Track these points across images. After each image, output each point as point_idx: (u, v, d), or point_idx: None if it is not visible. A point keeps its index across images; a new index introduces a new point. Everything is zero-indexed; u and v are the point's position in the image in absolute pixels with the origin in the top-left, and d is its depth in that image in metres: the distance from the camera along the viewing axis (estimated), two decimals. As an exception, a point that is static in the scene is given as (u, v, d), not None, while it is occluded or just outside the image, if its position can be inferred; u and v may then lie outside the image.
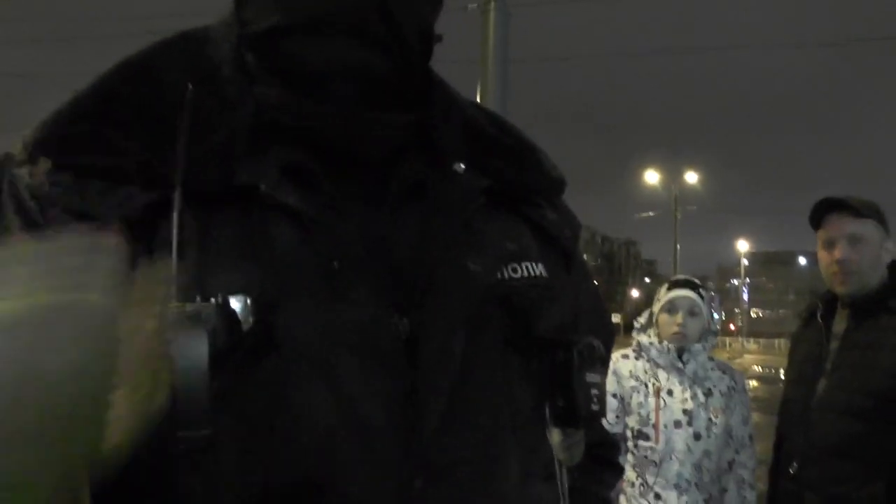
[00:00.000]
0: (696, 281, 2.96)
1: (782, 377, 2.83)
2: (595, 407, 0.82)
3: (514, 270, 0.82)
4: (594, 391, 0.82)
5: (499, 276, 0.81)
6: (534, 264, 0.84)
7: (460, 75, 0.92)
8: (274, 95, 0.77)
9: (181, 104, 0.72)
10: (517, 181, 0.89)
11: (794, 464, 2.51)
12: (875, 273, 2.51)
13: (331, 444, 0.68)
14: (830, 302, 2.63)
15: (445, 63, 0.93)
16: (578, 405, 0.81)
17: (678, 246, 34.03)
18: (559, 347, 0.82)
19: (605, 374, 0.88)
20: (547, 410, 0.82)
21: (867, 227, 2.53)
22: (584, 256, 1.04)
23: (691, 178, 39.88)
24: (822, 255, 2.58)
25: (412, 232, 0.78)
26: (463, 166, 0.84)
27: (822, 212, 2.59)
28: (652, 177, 38.27)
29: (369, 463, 0.69)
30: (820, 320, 2.61)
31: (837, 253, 2.52)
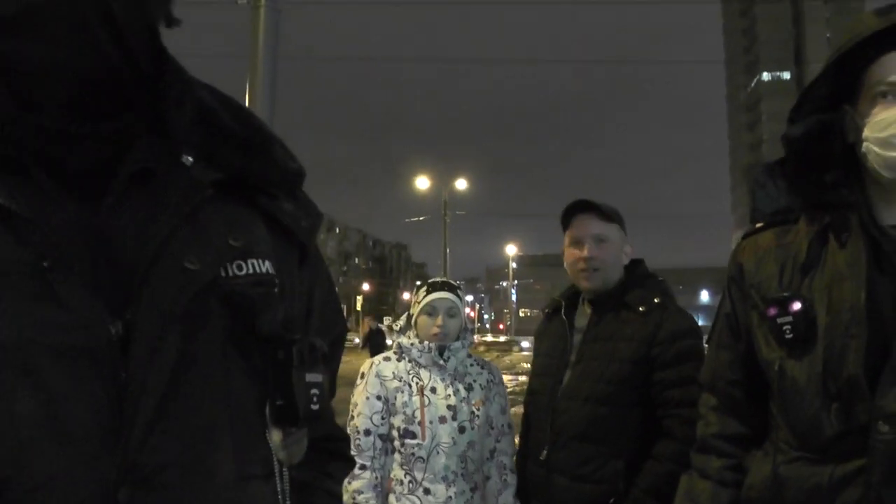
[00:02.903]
0: (453, 283, 3.06)
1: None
2: (315, 407, 0.83)
3: (239, 268, 0.81)
4: (314, 391, 0.83)
5: (222, 273, 0.79)
6: (260, 262, 0.83)
7: (230, 69, 0.91)
8: None
9: None
10: (249, 172, 0.87)
11: (544, 451, 2.65)
12: (616, 272, 2.71)
13: (32, 448, 0.66)
14: (572, 298, 2.82)
15: (216, 57, 0.92)
16: (297, 404, 0.81)
17: (448, 249, 34.93)
18: (279, 346, 0.81)
19: (328, 373, 0.88)
20: (267, 409, 0.81)
21: (611, 230, 2.74)
22: (357, 260, 1.04)
23: (461, 184, 41.16)
24: (570, 253, 2.76)
25: (135, 224, 0.76)
26: (191, 159, 0.82)
27: (572, 212, 2.79)
28: (423, 183, 39.08)
29: (72, 469, 0.67)
30: (564, 316, 2.79)
31: (585, 251, 2.70)
